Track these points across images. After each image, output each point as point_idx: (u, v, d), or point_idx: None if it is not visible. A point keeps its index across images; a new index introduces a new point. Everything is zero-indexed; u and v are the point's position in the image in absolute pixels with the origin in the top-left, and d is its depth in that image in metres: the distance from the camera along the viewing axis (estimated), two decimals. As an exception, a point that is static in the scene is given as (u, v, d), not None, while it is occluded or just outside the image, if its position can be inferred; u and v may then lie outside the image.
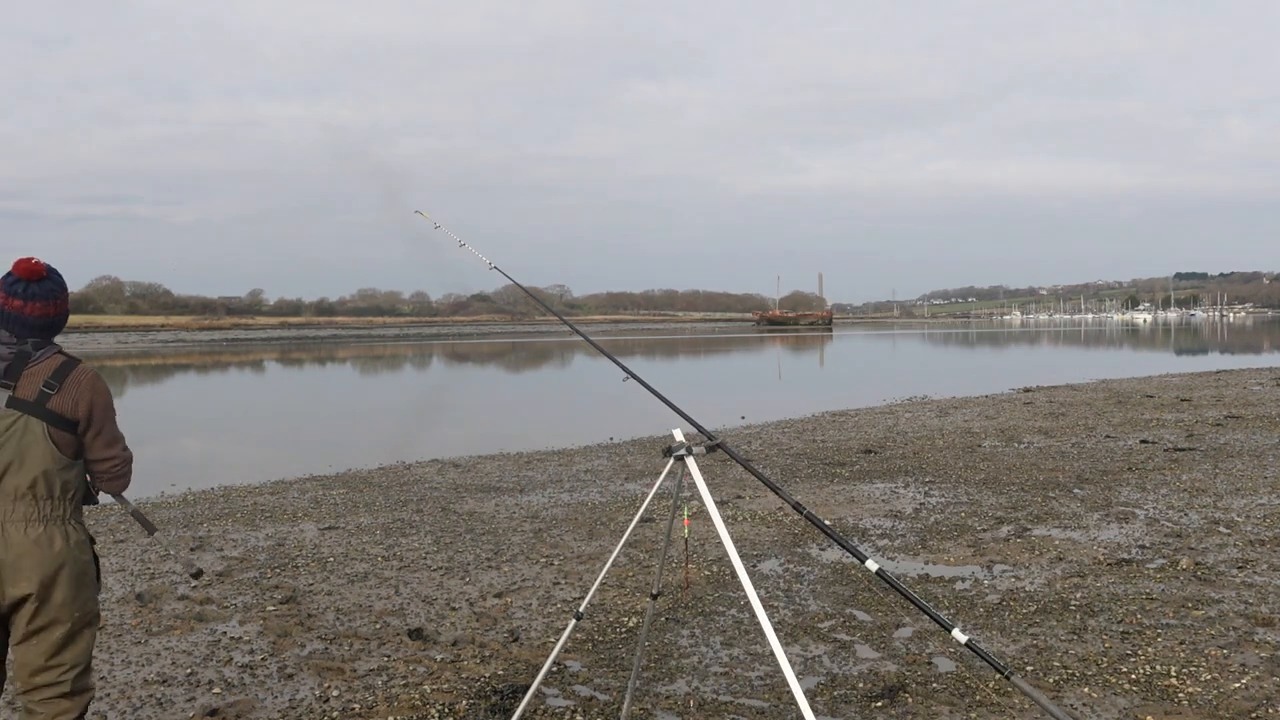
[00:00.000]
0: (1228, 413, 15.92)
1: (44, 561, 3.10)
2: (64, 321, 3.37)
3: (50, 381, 3.16)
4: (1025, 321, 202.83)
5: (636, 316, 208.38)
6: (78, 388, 3.19)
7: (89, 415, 3.20)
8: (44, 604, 3.11)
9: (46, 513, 3.14)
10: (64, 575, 3.12)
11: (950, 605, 5.87)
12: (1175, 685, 4.56)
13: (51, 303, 3.30)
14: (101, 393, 3.23)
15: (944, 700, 4.46)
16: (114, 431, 3.27)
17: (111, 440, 3.26)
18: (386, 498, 9.92)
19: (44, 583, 3.09)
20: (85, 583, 3.19)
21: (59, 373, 3.18)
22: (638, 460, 12.36)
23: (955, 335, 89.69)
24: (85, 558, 3.21)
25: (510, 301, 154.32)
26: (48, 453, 3.13)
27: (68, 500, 3.18)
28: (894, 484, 10.09)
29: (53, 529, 3.14)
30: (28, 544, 3.09)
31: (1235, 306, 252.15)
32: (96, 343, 77.81)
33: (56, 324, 3.32)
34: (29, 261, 3.27)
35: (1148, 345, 59.75)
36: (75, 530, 3.20)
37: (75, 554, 3.16)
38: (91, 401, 3.21)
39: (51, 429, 3.14)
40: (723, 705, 4.48)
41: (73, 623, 3.16)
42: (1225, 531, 7.54)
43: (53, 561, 3.11)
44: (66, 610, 3.13)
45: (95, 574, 3.27)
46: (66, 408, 3.16)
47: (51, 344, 3.29)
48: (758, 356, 50.94)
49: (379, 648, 5.31)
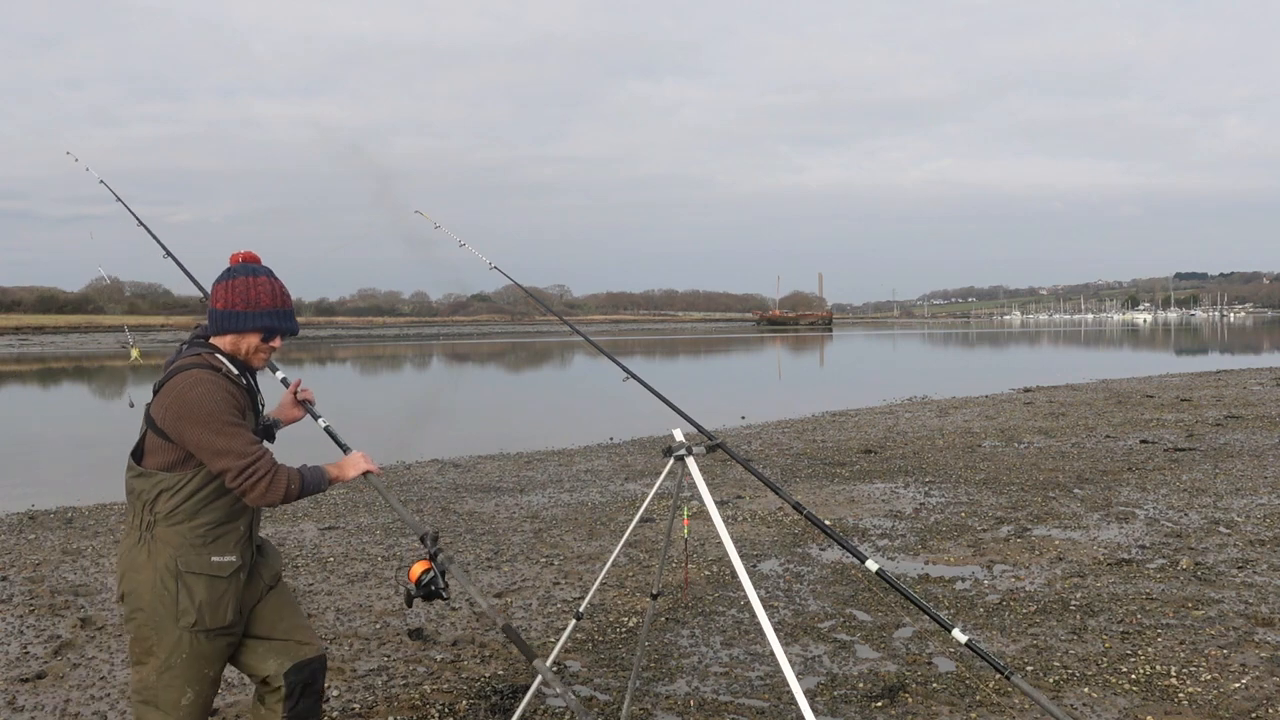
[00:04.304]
0: (1228, 413, 15.92)
1: (120, 570, 2.99)
2: (219, 320, 3.06)
3: (158, 384, 2.99)
4: (1025, 321, 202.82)
5: (636, 316, 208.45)
6: (169, 394, 2.92)
7: (176, 426, 2.89)
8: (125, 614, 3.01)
9: (132, 520, 2.98)
10: (126, 590, 2.95)
11: (950, 605, 5.87)
12: (1175, 685, 4.56)
13: (211, 289, 3.11)
14: (191, 401, 2.87)
15: (944, 700, 4.46)
16: (216, 442, 2.86)
17: (216, 451, 2.86)
18: (387, 498, 9.91)
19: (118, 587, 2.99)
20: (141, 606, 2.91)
21: (167, 376, 2.97)
22: (638, 460, 12.36)
23: (955, 335, 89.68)
24: (145, 579, 2.91)
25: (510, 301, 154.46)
26: (130, 457, 2.98)
27: (147, 512, 2.93)
28: (894, 484, 10.09)
29: (131, 538, 2.97)
30: (119, 547, 3.03)
31: (1235, 306, 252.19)
32: (97, 343, 77.78)
33: (212, 318, 3.08)
34: (237, 254, 3.14)
35: (1148, 345, 59.75)
36: (149, 548, 2.93)
37: (135, 573, 2.93)
38: (178, 411, 2.88)
39: (149, 432, 2.95)
40: (723, 705, 4.48)
41: (130, 642, 2.98)
42: (1225, 531, 7.54)
43: (121, 568, 2.98)
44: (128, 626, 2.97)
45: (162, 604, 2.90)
46: (159, 413, 2.93)
47: (200, 344, 3.07)
48: (758, 356, 50.94)
49: (379, 648, 5.31)
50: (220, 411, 2.88)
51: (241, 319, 3.03)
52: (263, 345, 3.09)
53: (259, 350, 3.10)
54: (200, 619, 2.92)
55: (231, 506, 2.99)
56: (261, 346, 3.09)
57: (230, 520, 3.00)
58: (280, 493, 2.91)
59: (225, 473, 2.86)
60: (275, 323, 3.08)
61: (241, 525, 3.03)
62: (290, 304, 3.15)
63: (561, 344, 65.89)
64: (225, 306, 3.04)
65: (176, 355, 3.05)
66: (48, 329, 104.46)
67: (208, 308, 3.09)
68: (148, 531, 2.92)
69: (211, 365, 2.98)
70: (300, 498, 3.00)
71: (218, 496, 2.95)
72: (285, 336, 3.14)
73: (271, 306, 3.07)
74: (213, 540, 2.96)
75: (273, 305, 3.07)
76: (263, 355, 3.12)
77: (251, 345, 3.08)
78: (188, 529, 2.92)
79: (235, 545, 3.01)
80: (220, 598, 2.96)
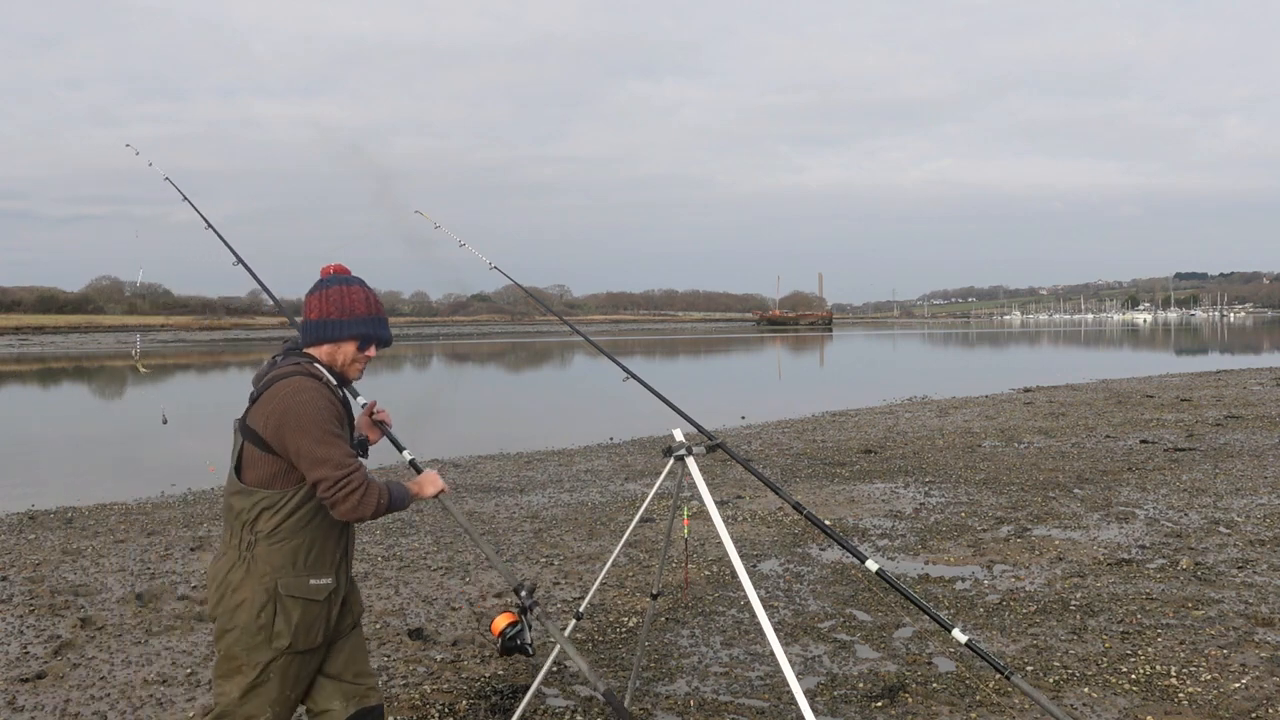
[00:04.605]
0: (1228, 413, 15.92)
1: (212, 586, 2.94)
2: (313, 330, 3.02)
3: (256, 393, 2.92)
4: (1025, 321, 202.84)
5: (636, 316, 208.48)
6: (270, 402, 2.85)
7: (277, 434, 2.81)
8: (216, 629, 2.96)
9: (229, 540, 2.92)
10: (221, 610, 2.89)
11: (950, 605, 5.87)
12: (1175, 685, 4.56)
13: (304, 301, 3.07)
14: (295, 407, 2.81)
15: (944, 700, 4.46)
16: (316, 450, 2.79)
17: (315, 461, 2.79)
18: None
19: (211, 607, 2.94)
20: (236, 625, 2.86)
21: (267, 384, 2.90)
22: (638, 460, 12.36)
23: (955, 335, 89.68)
24: (242, 599, 2.85)
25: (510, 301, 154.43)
26: (230, 472, 2.91)
27: (248, 531, 2.87)
28: (894, 484, 10.09)
29: (229, 557, 2.91)
30: (212, 566, 2.96)
31: (1235, 306, 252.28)
32: (97, 343, 77.79)
33: (305, 329, 3.04)
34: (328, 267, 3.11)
35: (1148, 345, 59.74)
36: (248, 568, 2.86)
37: (233, 594, 2.86)
38: (280, 418, 2.81)
39: (247, 445, 2.88)
40: (723, 705, 4.48)
41: (219, 660, 2.92)
42: (1225, 531, 7.54)
43: (216, 588, 2.91)
44: (219, 644, 2.92)
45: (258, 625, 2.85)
46: (258, 423, 2.86)
47: (297, 353, 3.03)
48: (758, 356, 50.93)
49: (379, 648, 5.31)
50: (322, 419, 2.82)
51: (337, 327, 3.01)
52: (359, 354, 3.07)
53: (355, 360, 3.08)
54: (294, 641, 2.89)
55: (331, 526, 2.96)
56: (358, 356, 3.07)
57: (328, 541, 2.97)
58: (370, 508, 2.85)
59: (320, 482, 2.80)
60: (370, 330, 3.06)
61: (339, 548, 3.01)
62: (384, 312, 3.13)
63: (561, 344, 65.89)
64: (320, 316, 3.02)
65: (269, 367, 3.01)
66: (48, 329, 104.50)
67: (301, 320, 3.07)
68: (248, 551, 2.87)
69: (312, 374, 2.94)
70: (387, 513, 2.95)
71: (316, 515, 2.91)
72: (380, 345, 3.11)
73: (366, 314, 3.05)
74: (312, 561, 2.92)
75: (367, 313, 3.05)
76: (358, 365, 3.09)
77: (348, 355, 3.05)
78: (289, 549, 2.88)
79: (332, 567, 2.98)
80: (314, 620, 2.92)
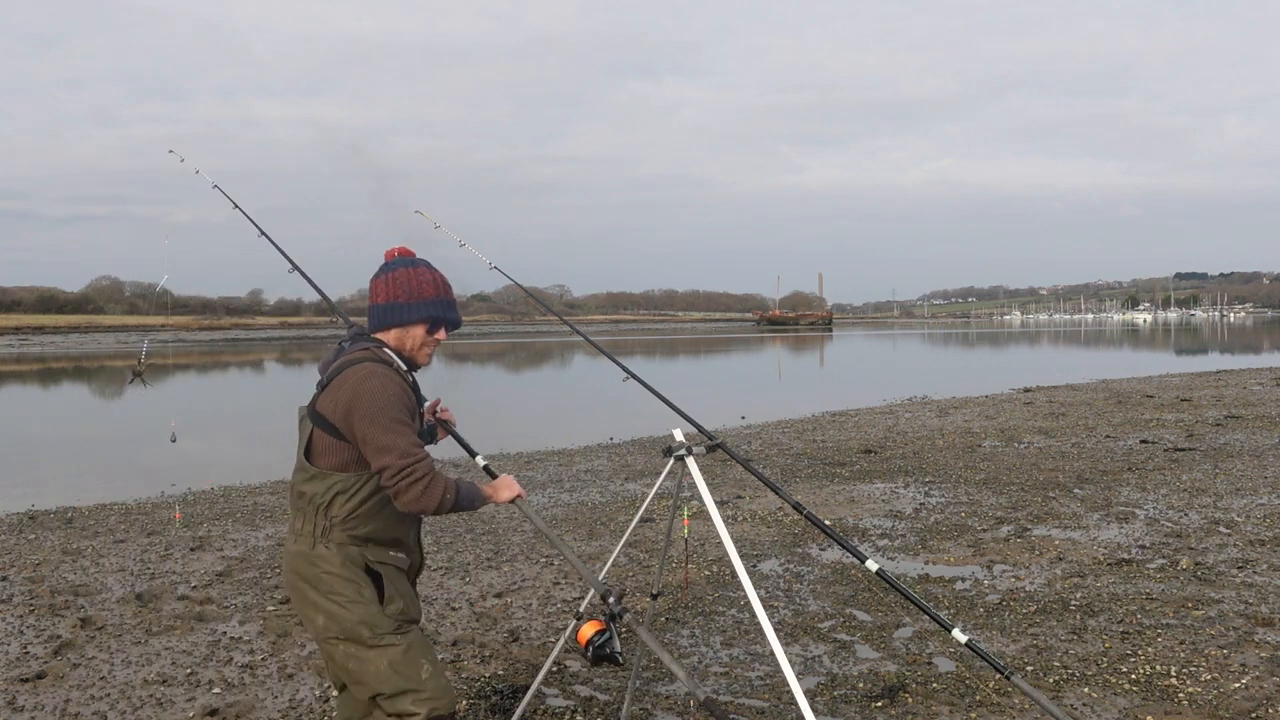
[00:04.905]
0: (1228, 413, 15.92)
1: (290, 573, 2.90)
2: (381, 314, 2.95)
3: (326, 378, 2.87)
4: (1025, 321, 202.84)
5: (636, 316, 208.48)
6: (340, 387, 2.79)
7: (346, 420, 2.76)
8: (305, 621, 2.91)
9: (302, 528, 2.87)
10: (326, 609, 2.83)
11: (950, 605, 5.87)
12: (1175, 685, 4.55)
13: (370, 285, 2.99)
14: (365, 393, 2.75)
15: (944, 700, 4.46)
16: (382, 438, 2.73)
17: (380, 448, 2.73)
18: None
19: (303, 609, 2.88)
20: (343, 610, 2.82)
21: (337, 370, 2.85)
22: (638, 460, 12.36)
23: (955, 335, 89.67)
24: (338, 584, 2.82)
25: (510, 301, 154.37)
26: (300, 458, 2.87)
27: (322, 516, 2.82)
28: (894, 484, 10.09)
29: (304, 545, 2.86)
30: (288, 560, 2.91)
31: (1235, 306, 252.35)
32: (97, 343, 77.78)
33: (374, 314, 2.97)
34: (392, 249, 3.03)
35: (1148, 345, 59.74)
36: (329, 550, 2.83)
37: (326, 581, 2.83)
38: (349, 402, 2.76)
39: (317, 431, 2.83)
40: (723, 705, 4.48)
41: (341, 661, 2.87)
42: (1225, 531, 7.54)
43: (295, 575, 2.87)
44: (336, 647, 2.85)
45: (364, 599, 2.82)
46: (328, 408, 2.80)
47: (366, 338, 2.97)
48: (758, 356, 50.93)
49: (379, 648, 5.30)
50: (391, 406, 2.76)
51: (405, 310, 2.94)
52: (428, 338, 3.00)
53: (424, 344, 3.00)
54: (406, 608, 2.88)
55: (399, 511, 2.89)
56: (427, 339, 3.00)
57: (400, 527, 2.93)
58: (435, 500, 2.77)
59: (384, 470, 2.74)
60: (440, 312, 2.98)
61: (410, 535, 2.99)
62: (453, 294, 3.05)
63: (561, 344, 65.89)
64: (387, 300, 2.95)
65: (337, 353, 2.95)
66: (48, 329, 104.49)
67: (368, 305, 3.00)
68: (325, 537, 2.83)
69: (382, 359, 2.88)
70: (454, 511, 2.85)
71: (390, 500, 2.84)
72: (450, 328, 3.04)
73: (435, 296, 2.98)
74: (386, 545, 2.90)
75: (435, 295, 2.98)
76: (428, 350, 3.02)
77: (417, 338, 2.98)
78: (365, 533, 2.84)
79: (405, 551, 2.98)
80: (409, 591, 2.92)
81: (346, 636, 2.82)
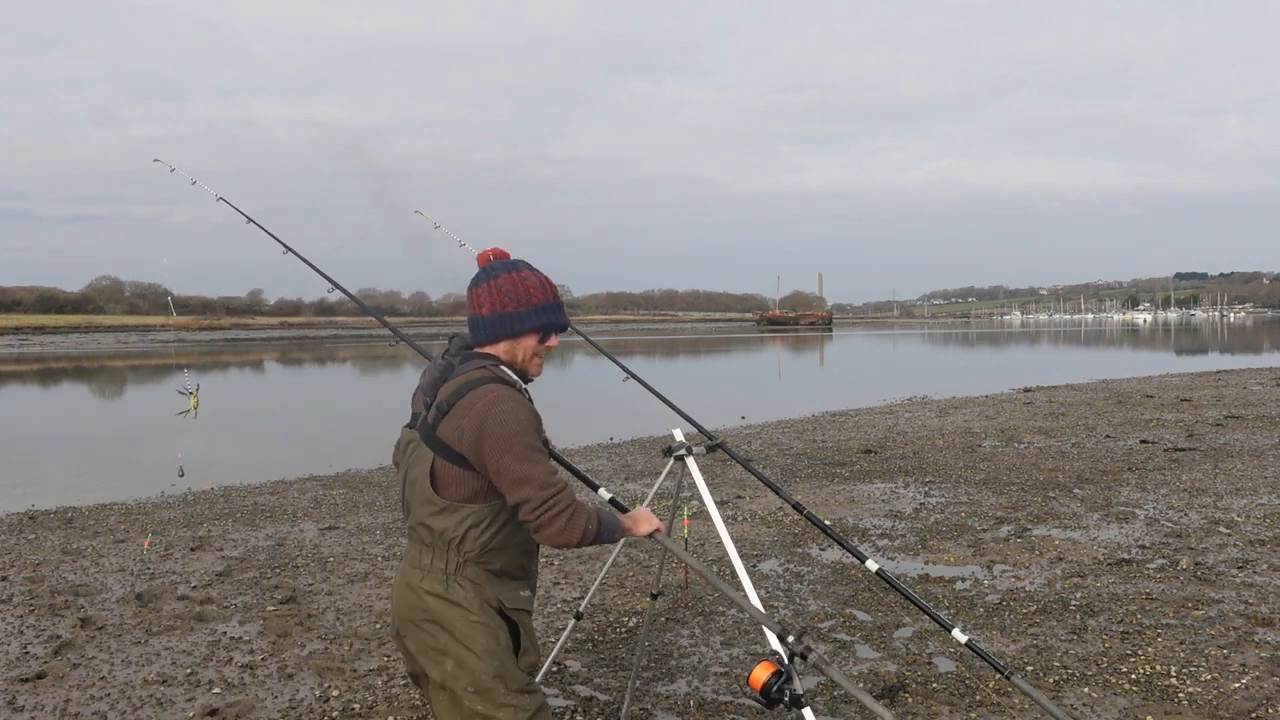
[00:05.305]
0: (1228, 413, 15.92)
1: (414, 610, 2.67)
2: (489, 325, 2.71)
3: (444, 402, 2.61)
4: (1025, 321, 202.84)
5: (636, 316, 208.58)
6: (465, 414, 2.55)
7: (475, 449, 2.54)
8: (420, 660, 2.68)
9: (432, 563, 2.64)
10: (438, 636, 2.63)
11: (950, 605, 5.87)
12: (1175, 685, 4.56)
13: (469, 295, 2.75)
14: (494, 421, 2.52)
15: (944, 700, 4.46)
16: (518, 469, 2.52)
17: (517, 480, 2.52)
18: (386, 498, 9.92)
19: (423, 647, 2.66)
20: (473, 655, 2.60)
21: (457, 393, 2.60)
22: (638, 460, 12.36)
23: (955, 335, 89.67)
24: (471, 626, 2.61)
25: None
26: (424, 490, 2.63)
27: (454, 552, 2.61)
28: (894, 484, 10.09)
29: (435, 583, 2.64)
30: (407, 595, 2.68)
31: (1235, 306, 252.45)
32: (97, 343, 77.79)
33: (479, 326, 2.72)
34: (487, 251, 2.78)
35: (1148, 345, 59.74)
36: (464, 592, 2.62)
37: (458, 624, 2.61)
38: (478, 432, 2.53)
39: (439, 460, 2.60)
40: (723, 705, 4.48)
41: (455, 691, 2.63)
42: (1225, 531, 7.54)
43: (423, 615, 2.65)
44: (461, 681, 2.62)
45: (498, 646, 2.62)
46: (452, 436, 2.57)
47: (480, 355, 2.72)
48: (758, 356, 50.94)
49: (379, 648, 5.31)
50: (525, 433, 2.55)
51: (516, 320, 2.71)
52: (540, 347, 2.78)
53: (535, 354, 2.78)
54: (537, 660, 2.73)
55: (528, 541, 2.71)
56: (538, 349, 2.78)
57: (527, 556, 2.75)
58: (578, 532, 2.58)
59: (524, 504, 2.53)
60: (551, 318, 2.76)
61: (533, 564, 2.82)
62: (559, 296, 2.82)
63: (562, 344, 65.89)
64: (494, 310, 2.70)
65: (444, 370, 2.70)
66: (48, 329, 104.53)
67: (469, 316, 2.75)
68: (458, 574, 2.63)
69: (505, 380, 2.66)
70: (593, 543, 2.65)
71: (521, 529, 2.65)
72: (559, 333, 2.82)
73: (544, 301, 2.74)
74: (517, 576, 2.71)
75: (545, 300, 2.74)
76: (539, 359, 2.80)
77: (528, 349, 2.76)
78: (498, 567, 2.66)
79: (529, 582, 2.80)
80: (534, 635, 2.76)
81: (478, 688, 2.62)
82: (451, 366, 2.70)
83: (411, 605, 2.68)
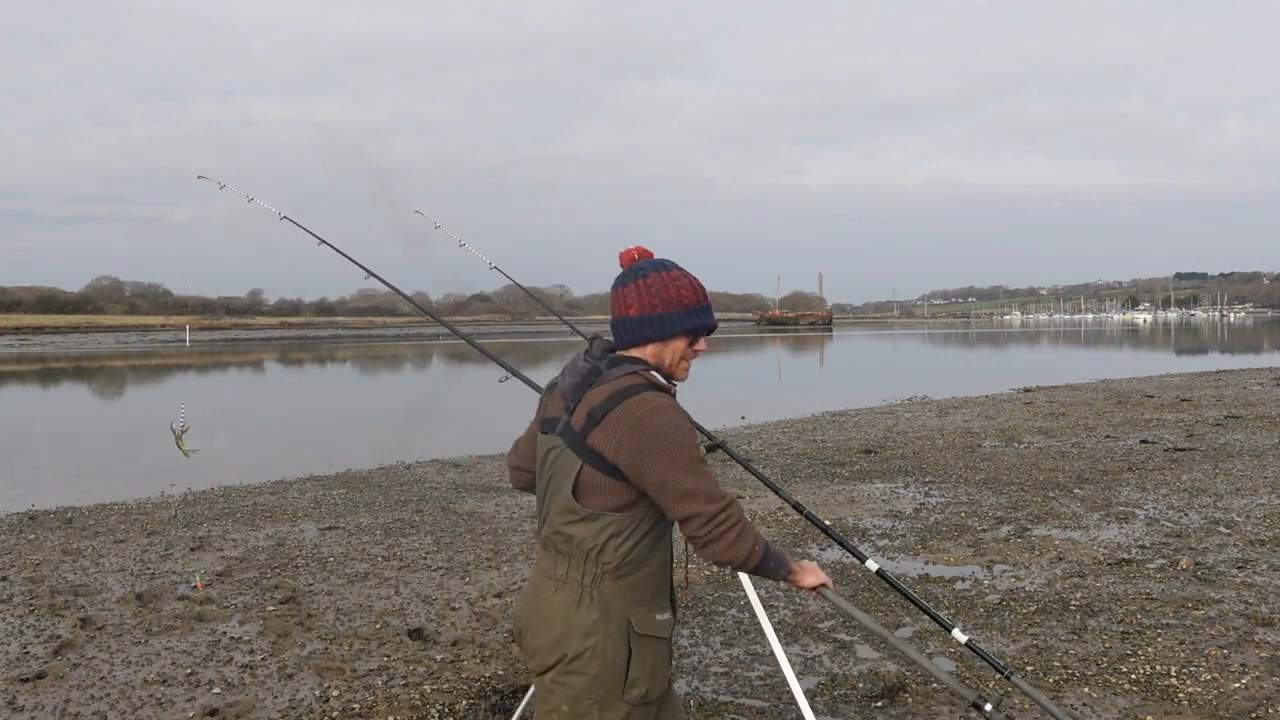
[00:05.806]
0: (1228, 413, 15.92)
1: (541, 624, 2.52)
2: (637, 327, 2.57)
3: (597, 409, 2.46)
4: (1025, 322, 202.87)
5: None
6: (622, 423, 2.42)
7: (635, 461, 2.40)
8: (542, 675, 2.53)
9: (568, 574, 2.50)
10: (574, 664, 2.47)
11: (950, 605, 5.87)
12: (1175, 685, 4.56)
13: (613, 296, 2.62)
14: (656, 432, 2.40)
15: (944, 700, 4.46)
16: (685, 482, 2.40)
17: (684, 494, 2.40)
18: (386, 498, 9.93)
19: (538, 648, 2.52)
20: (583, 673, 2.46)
21: (611, 400, 2.46)
22: (638, 460, 12.35)
23: (955, 335, 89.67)
24: (596, 645, 2.46)
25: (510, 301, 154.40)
26: (565, 498, 2.49)
27: (592, 563, 2.47)
28: (894, 484, 10.09)
29: (569, 595, 2.50)
30: (534, 600, 2.56)
31: (1235, 306, 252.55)
32: (97, 343, 77.80)
33: (626, 327, 2.59)
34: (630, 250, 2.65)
35: (1148, 345, 59.74)
36: (600, 608, 2.47)
37: (584, 639, 2.46)
38: (636, 445, 2.40)
39: (587, 468, 2.46)
40: (723, 705, 4.48)
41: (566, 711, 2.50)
42: (1225, 531, 7.54)
43: (551, 628, 2.50)
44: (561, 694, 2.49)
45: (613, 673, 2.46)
46: (607, 446, 2.43)
47: (629, 360, 2.56)
48: (758, 356, 50.93)
49: (379, 648, 5.31)
50: (688, 445, 2.43)
51: (666, 322, 2.57)
52: (688, 350, 2.64)
53: (684, 357, 2.65)
54: (650, 690, 2.51)
55: (667, 552, 2.59)
56: (687, 352, 2.64)
57: (664, 570, 2.59)
58: (745, 551, 2.46)
59: (692, 519, 2.41)
60: (702, 320, 2.63)
61: (670, 577, 2.65)
62: (708, 298, 2.69)
63: (562, 344, 65.88)
64: (643, 311, 2.57)
65: (590, 374, 2.56)
66: (48, 329, 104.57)
67: (614, 318, 2.63)
68: (594, 587, 2.48)
69: (661, 386, 2.53)
70: (756, 571, 2.53)
71: (660, 540, 2.55)
72: (708, 335, 2.70)
73: (695, 303, 2.61)
74: (656, 594, 2.56)
75: (695, 301, 2.61)
76: (686, 363, 2.67)
77: (677, 352, 2.62)
78: (636, 580, 2.51)
79: (669, 599, 2.62)
80: (663, 663, 2.57)
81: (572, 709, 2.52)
82: (596, 370, 2.55)
83: (538, 614, 2.56)
